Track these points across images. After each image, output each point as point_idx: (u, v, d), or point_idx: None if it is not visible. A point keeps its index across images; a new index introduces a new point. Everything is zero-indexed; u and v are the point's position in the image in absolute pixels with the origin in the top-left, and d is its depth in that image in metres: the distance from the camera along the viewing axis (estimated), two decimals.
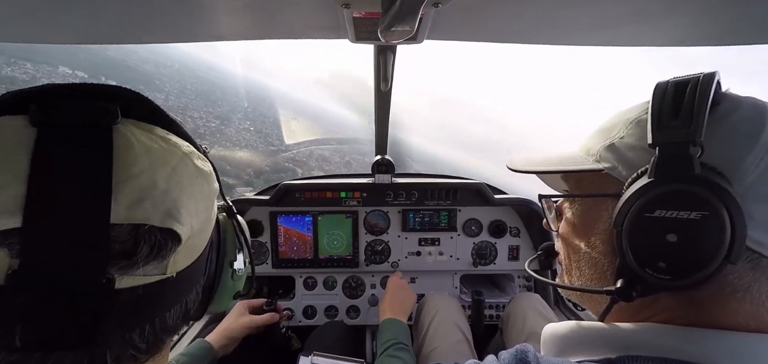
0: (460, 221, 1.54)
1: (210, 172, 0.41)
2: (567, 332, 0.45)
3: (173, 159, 0.36)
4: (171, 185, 0.34)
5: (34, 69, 42.42)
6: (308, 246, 1.50)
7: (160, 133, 0.37)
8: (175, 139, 0.38)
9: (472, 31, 0.73)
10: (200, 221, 0.37)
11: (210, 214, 0.41)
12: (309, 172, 12.83)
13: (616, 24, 0.66)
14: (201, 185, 0.38)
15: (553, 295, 1.54)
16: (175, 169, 0.35)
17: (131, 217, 0.31)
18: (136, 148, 0.32)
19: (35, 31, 0.76)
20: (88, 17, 0.69)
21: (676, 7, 0.57)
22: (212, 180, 0.41)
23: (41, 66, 43.59)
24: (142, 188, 0.32)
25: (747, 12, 0.58)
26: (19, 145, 0.29)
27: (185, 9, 0.65)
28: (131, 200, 0.31)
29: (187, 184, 0.36)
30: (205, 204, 0.39)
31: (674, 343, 0.36)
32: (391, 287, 1.28)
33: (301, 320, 1.55)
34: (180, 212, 0.34)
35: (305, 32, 0.77)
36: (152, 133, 0.36)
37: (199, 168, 0.39)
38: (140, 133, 0.34)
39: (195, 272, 0.39)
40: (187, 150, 0.38)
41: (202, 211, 0.38)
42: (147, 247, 0.32)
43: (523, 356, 0.41)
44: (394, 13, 0.45)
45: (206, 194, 0.39)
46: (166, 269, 0.34)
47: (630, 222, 0.38)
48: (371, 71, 1.07)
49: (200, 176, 0.38)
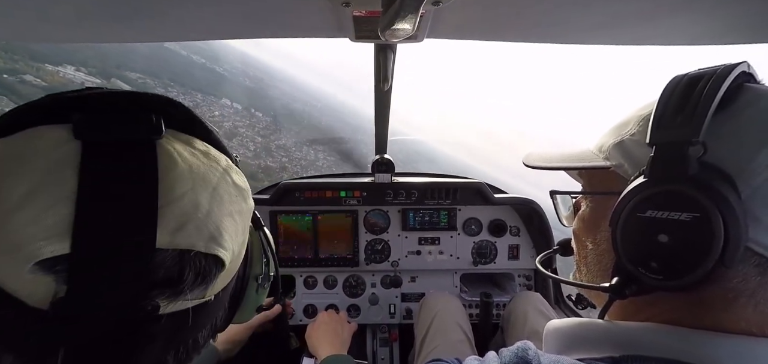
0: (460, 220, 1.54)
1: (246, 188, 0.40)
2: (570, 330, 0.45)
3: (214, 177, 0.34)
4: (213, 207, 0.33)
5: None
6: (308, 245, 1.50)
7: (199, 146, 0.35)
8: (214, 152, 0.37)
9: (473, 30, 0.73)
10: (239, 241, 0.37)
11: (247, 232, 0.40)
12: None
13: (618, 23, 0.65)
14: (239, 203, 0.37)
15: (554, 294, 1.54)
16: (216, 189, 0.34)
17: (176, 242, 0.30)
18: (179, 166, 0.31)
19: (26, 29, 0.76)
20: (88, 17, 0.69)
21: (683, 6, 0.57)
22: (248, 196, 0.40)
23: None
24: (186, 211, 0.31)
25: (752, 11, 0.57)
26: (65, 161, 0.28)
27: (184, 8, 0.64)
28: (175, 224, 0.30)
29: (228, 203, 0.35)
30: (244, 224, 0.38)
31: (678, 345, 0.36)
32: (323, 321, 1.21)
33: (302, 319, 1.55)
34: (223, 236, 0.33)
35: (305, 31, 0.77)
36: (192, 146, 0.35)
37: (237, 185, 0.38)
38: (182, 147, 0.33)
39: (228, 291, 0.39)
40: (226, 165, 0.37)
41: (241, 231, 0.37)
42: (192, 274, 0.31)
43: (523, 353, 0.42)
44: (394, 11, 0.45)
45: (244, 213, 0.38)
46: (206, 294, 0.34)
47: (623, 221, 0.38)
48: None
49: (238, 194, 0.38)
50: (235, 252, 0.35)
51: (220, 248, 0.33)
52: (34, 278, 0.26)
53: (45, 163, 0.27)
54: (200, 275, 0.32)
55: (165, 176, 0.30)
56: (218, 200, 0.34)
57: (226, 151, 0.40)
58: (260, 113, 63.79)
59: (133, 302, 0.29)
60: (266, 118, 61.76)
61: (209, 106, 55.91)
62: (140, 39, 0.84)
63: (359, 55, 11.86)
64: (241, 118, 57.29)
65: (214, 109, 54.56)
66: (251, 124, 55.95)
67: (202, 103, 54.97)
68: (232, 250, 0.35)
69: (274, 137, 53.58)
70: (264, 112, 65.82)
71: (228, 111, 57.41)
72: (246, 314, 0.47)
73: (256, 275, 0.46)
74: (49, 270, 0.26)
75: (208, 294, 0.34)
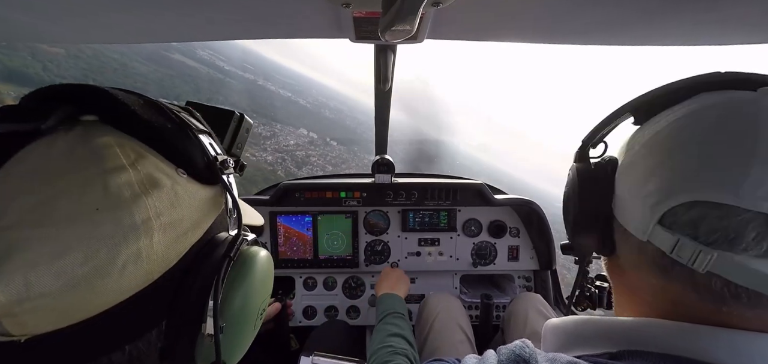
0: (460, 221, 1.54)
1: (131, 200, 0.29)
2: (568, 327, 0.46)
3: (67, 182, 0.27)
4: (26, 218, 0.26)
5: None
6: (308, 246, 1.50)
7: (104, 142, 0.30)
8: (114, 151, 0.30)
9: (472, 31, 0.73)
10: (79, 273, 0.26)
11: (115, 260, 0.28)
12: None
13: (618, 23, 0.66)
14: (100, 222, 0.27)
15: (554, 295, 1.54)
16: (56, 198, 0.26)
17: None
18: (28, 162, 0.27)
19: (32, 29, 0.76)
20: (87, 17, 0.69)
21: (683, 6, 0.57)
22: (131, 212, 0.29)
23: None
24: None
25: (752, 11, 0.57)
26: None
27: (185, 9, 0.65)
28: None
29: (65, 214, 0.26)
30: (96, 247, 0.27)
31: (674, 338, 0.37)
32: (385, 272, 1.35)
33: (301, 320, 1.55)
34: (11, 259, 0.24)
35: (306, 31, 0.77)
36: (86, 141, 0.29)
37: (111, 193, 0.28)
38: (76, 140, 0.29)
39: (90, 332, 0.29)
40: (112, 166, 0.29)
41: (88, 259, 0.27)
42: None
43: (521, 351, 0.42)
44: (394, 12, 0.45)
45: (104, 235, 0.27)
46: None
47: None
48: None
49: (105, 210, 0.28)
50: (46, 286, 0.25)
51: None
52: None
53: None
54: None
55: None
56: (45, 212, 0.26)
57: (168, 143, 0.34)
58: (335, 142, 66.27)
59: None
60: (340, 147, 63.55)
61: (286, 136, 57.94)
62: (141, 40, 0.84)
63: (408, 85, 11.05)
64: (316, 147, 59.50)
65: (290, 139, 56.65)
66: (324, 153, 58.22)
67: (279, 133, 57.40)
68: (42, 283, 0.25)
69: (344, 167, 55.38)
70: (339, 142, 68.20)
71: (303, 140, 58.96)
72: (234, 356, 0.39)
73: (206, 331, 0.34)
74: None
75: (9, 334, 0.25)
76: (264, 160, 44.68)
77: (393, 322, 0.98)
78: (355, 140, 75.66)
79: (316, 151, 56.84)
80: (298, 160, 46.86)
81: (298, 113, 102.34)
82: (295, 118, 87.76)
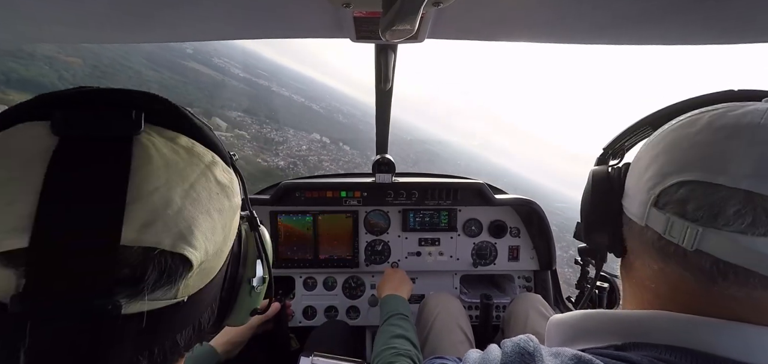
0: (461, 221, 1.53)
1: (231, 185, 0.39)
2: (572, 321, 0.46)
3: (193, 173, 0.34)
4: (186, 204, 0.32)
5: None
6: (308, 246, 1.50)
7: (183, 142, 0.35)
8: (199, 148, 0.36)
9: (473, 30, 0.73)
10: (217, 241, 0.36)
11: (229, 231, 0.38)
12: None
13: (619, 23, 0.65)
14: (221, 201, 0.36)
15: (554, 295, 1.54)
16: (193, 186, 0.33)
17: (141, 239, 0.29)
18: (154, 161, 0.31)
19: (27, 30, 0.76)
20: (86, 17, 0.69)
21: (684, 6, 0.57)
22: (233, 193, 0.39)
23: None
24: (155, 208, 0.30)
25: (755, 10, 0.57)
26: (36, 156, 0.28)
27: (185, 9, 0.64)
28: (143, 221, 0.29)
29: (206, 201, 0.34)
30: (224, 221, 0.37)
31: (681, 331, 0.37)
32: (388, 274, 1.34)
33: (301, 320, 1.55)
34: (194, 234, 0.32)
35: (306, 31, 0.77)
36: (175, 142, 0.34)
37: (220, 183, 0.37)
38: (163, 143, 0.32)
39: (209, 293, 0.38)
40: (210, 161, 0.36)
41: (220, 230, 0.36)
42: (155, 273, 0.30)
43: (525, 344, 0.42)
44: (395, 12, 0.45)
45: (225, 211, 0.37)
46: (177, 294, 0.32)
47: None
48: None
49: (221, 192, 0.36)
50: (208, 252, 0.34)
51: (188, 248, 0.31)
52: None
53: (18, 159, 0.28)
54: (164, 275, 0.30)
55: (138, 171, 0.30)
56: (194, 196, 0.33)
57: (218, 148, 0.39)
58: (348, 147, 66.66)
59: (93, 300, 0.27)
60: (353, 151, 63.99)
61: (299, 141, 58.26)
62: (140, 40, 0.84)
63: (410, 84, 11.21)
64: (328, 152, 60.01)
65: (303, 143, 56.98)
66: (336, 158, 58.26)
67: (292, 138, 58.00)
68: (206, 249, 0.33)
69: (357, 171, 56.85)
70: (351, 146, 68.84)
71: (316, 145, 59.30)
72: (240, 317, 0.46)
73: (249, 277, 0.45)
74: (9, 264, 0.26)
75: (180, 295, 0.33)
76: (276, 166, 44.45)
77: (397, 323, 0.98)
78: (369, 144, 77.01)
79: (328, 155, 56.93)
80: (310, 166, 46.90)
81: (312, 118, 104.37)
82: (308, 122, 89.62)
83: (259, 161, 42.98)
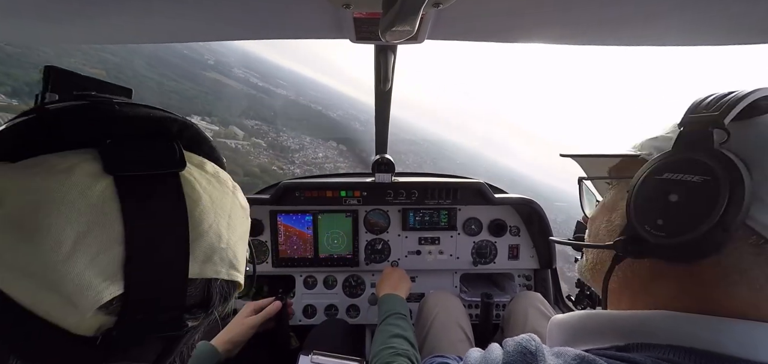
0: (460, 220, 1.54)
1: (248, 207, 0.43)
2: (574, 322, 0.46)
3: (227, 203, 0.37)
4: (230, 235, 0.37)
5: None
6: (308, 245, 1.50)
7: (210, 169, 0.37)
8: (223, 174, 0.39)
9: (473, 31, 0.73)
10: (246, 259, 0.41)
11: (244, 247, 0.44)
12: None
13: (619, 23, 0.65)
14: (245, 224, 0.41)
15: (554, 294, 1.54)
16: (230, 216, 0.37)
17: (204, 272, 0.34)
18: (202, 200, 0.34)
19: (35, 31, 0.76)
20: (86, 17, 0.69)
21: (684, 6, 0.57)
22: (248, 214, 0.43)
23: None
24: (211, 243, 0.34)
25: (756, 10, 0.57)
26: (104, 200, 0.28)
27: (185, 9, 0.64)
28: (203, 257, 0.33)
29: (238, 227, 0.39)
30: (246, 241, 0.42)
31: (682, 329, 0.37)
32: (387, 273, 1.34)
33: (301, 319, 1.55)
34: (239, 261, 0.38)
35: (306, 32, 0.77)
36: (204, 169, 0.36)
37: (243, 207, 0.41)
38: (198, 174, 0.35)
39: None
40: (232, 187, 0.40)
41: (246, 250, 0.42)
42: (218, 297, 0.36)
43: (527, 344, 0.42)
44: (394, 13, 0.45)
45: (247, 232, 0.42)
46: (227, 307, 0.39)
47: (641, 183, 0.41)
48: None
49: (244, 215, 0.41)
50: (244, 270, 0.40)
51: (238, 273, 0.38)
52: (90, 316, 0.29)
53: (85, 203, 0.28)
54: (223, 297, 0.37)
55: (193, 211, 0.33)
56: (233, 226, 0.37)
57: (223, 163, 0.41)
58: (364, 153, 66.84)
59: (170, 328, 0.33)
60: (370, 157, 65.67)
61: (315, 148, 58.49)
62: (140, 40, 0.84)
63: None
64: (345, 159, 60.14)
65: (319, 151, 57.18)
66: (353, 166, 57.96)
67: (308, 146, 57.93)
68: (244, 269, 0.40)
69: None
70: (367, 152, 69.99)
71: (332, 151, 59.26)
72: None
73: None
74: (103, 310, 0.29)
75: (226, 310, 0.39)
76: (291, 173, 43.12)
77: (395, 323, 0.98)
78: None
79: (345, 161, 56.70)
80: (326, 172, 45.80)
81: (329, 126, 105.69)
82: (325, 130, 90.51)
83: (275, 169, 43.09)
